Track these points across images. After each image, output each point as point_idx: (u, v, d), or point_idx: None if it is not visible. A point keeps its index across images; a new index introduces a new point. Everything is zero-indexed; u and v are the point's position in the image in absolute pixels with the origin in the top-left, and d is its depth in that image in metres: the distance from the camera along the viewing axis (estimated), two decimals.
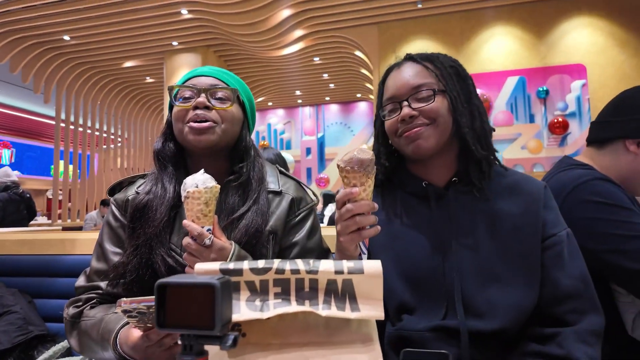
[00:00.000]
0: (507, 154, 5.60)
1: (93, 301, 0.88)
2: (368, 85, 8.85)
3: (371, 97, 9.70)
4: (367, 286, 0.50)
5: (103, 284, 0.89)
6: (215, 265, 0.51)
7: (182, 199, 0.76)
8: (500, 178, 0.91)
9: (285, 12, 5.94)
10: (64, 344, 1.16)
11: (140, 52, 7.29)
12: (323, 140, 10.78)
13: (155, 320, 0.43)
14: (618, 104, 1.15)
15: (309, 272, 0.51)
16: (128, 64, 7.81)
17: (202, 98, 0.90)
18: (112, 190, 1.02)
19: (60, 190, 8.47)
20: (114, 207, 0.97)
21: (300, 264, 0.52)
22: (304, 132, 10.96)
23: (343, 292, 0.50)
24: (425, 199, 0.90)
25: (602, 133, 1.18)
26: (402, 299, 0.84)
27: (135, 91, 9.49)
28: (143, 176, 1.02)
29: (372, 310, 0.50)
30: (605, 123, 1.17)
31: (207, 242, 0.73)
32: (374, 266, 0.51)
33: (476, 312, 0.79)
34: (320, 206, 6.90)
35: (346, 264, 0.51)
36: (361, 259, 0.77)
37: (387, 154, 0.95)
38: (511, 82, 5.77)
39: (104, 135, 9.29)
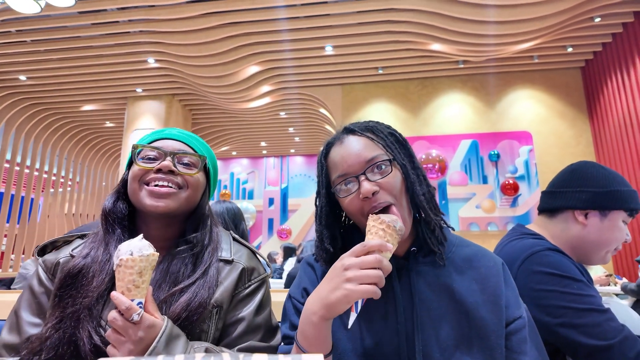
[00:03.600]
0: (462, 212, 5.78)
1: None
2: None
3: None
4: None
5: None
6: None
7: (114, 267, 0.67)
8: (456, 248, 0.88)
9: (253, 68, 6.12)
10: None
11: (102, 97, 7.15)
12: (287, 191, 10.74)
13: None
14: (566, 176, 1.20)
15: None
16: (87, 107, 7.60)
17: (167, 162, 0.85)
18: (43, 250, 0.90)
19: None
20: (40, 270, 0.85)
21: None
22: (267, 183, 10.90)
23: None
24: None
25: (552, 202, 1.21)
26: None
27: (92, 135, 9.17)
28: (82, 236, 0.92)
29: None
30: (555, 193, 1.21)
31: (136, 317, 0.64)
32: None
33: None
34: (280, 259, 6.68)
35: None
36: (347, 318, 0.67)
37: (331, 238, 0.86)
38: (465, 144, 6.12)
39: (53, 178, 8.75)
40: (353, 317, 0.65)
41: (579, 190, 1.16)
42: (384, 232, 0.68)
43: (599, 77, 5.76)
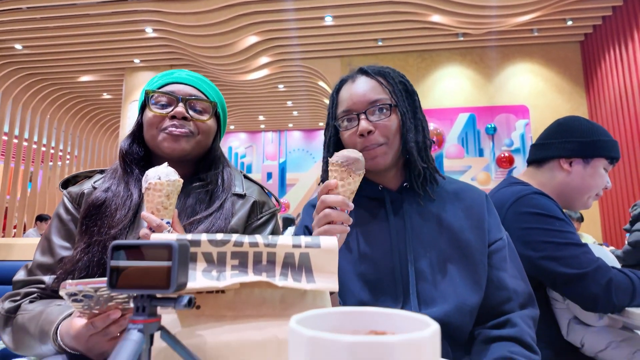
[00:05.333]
0: None
1: (33, 295, 0.82)
2: None
3: None
4: (323, 260, 0.52)
5: (47, 279, 0.83)
6: (172, 236, 0.51)
7: (143, 190, 0.74)
8: (446, 184, 0.98)
9: (252, 39, 6.08)
10: None
11: (99, 67, 7.09)
12: (285, 166, 10.82)
13: (107, 281, 0.42)
14: (554, 129, 1.29)
15: (267, 245, 0.52)
16: (85, 78, 7.54)
17: (180, 108, 0.89)
18: (66, 183, 0.96)
19: None
20: (66, 200, 0.92)
21: (258, 238, 0.53)
22: (265, 157, 10.96)
23: (300, 265, 0.52)
24: (380, 201, 0.94)
25: (540, 153, 1.31)
26: (360, 298, 0.86)
27: (89, 107, 9.13)
28: (101, 171, 0.98)
29: (327, 282, 0.51)
30: (543, 145, 1.30)
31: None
32: (329, 241, 0.54)
33: (428, 302, 0.83)
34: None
35: (304, 239, 0.53)
36: None
37: None
38: (462, 118, 6.18)
39: (51, 151, 8.76)
40: None
41: (564, 140, 1.25)
42: (331, 172, 0.75)
43: (598, 51, 5.78)
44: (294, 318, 0.29)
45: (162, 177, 0.73)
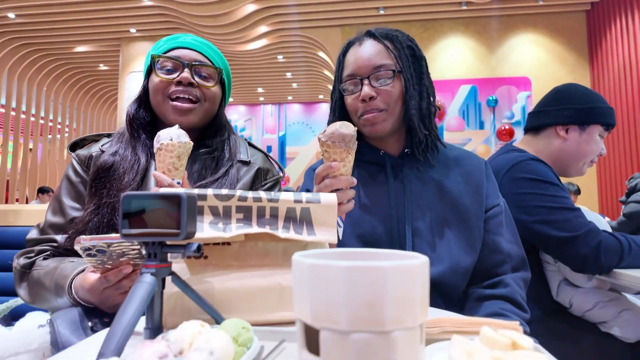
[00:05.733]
0: None
1: (46, 253, 0.85)
2: (331, 87, 8.99)
3: None
4: (323, 214, 0.55)
5: (59, 237, 0.86)
6: (180, 190, 0.53)
7: (155, 150, 0.75)
8: (446, 151, 1.00)
9: (250, 7, 5.93)
10: (7, 304, 1.10)
11: (95, 37, 6.94)
12: (284, 139, 10.79)
13: (119, 229, 0.45)
14: (552, 96, 1.30)
15: (270, 200, 0.55)
16: (80, 48, 7.40)
17: (186, 74, 0.89)
18: (74, 146, 0.98)
19: None
20: (75, 162, 0.94)
21: (262, 193, 0.55)
22: (265, 130, 10.91)
23: (301, 219, 0.55)
24: (381, 166, 0.97)
25: (537, 121, 1.32)
26: None
27: (87, 78, 9.00)
28: (108, 135, 0.99)
29: (326, 235, 0.54)
30: (540, 112, 1.32)
31: None
32: (329, 197, 0.56)
33: None
34: None
35: (305, 195, 0.56)
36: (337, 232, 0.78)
37: None
38: (464, 90, 6.11)
39: (50, 124, 8.71)
40: (340, 231, 0.77)
41: (561, 107, 1.26)
42: (328, 153, 0.72)
43: (604, 20, 5.65)
44: (296, 253, 0.32)
45: (174, 138, 0.75)
